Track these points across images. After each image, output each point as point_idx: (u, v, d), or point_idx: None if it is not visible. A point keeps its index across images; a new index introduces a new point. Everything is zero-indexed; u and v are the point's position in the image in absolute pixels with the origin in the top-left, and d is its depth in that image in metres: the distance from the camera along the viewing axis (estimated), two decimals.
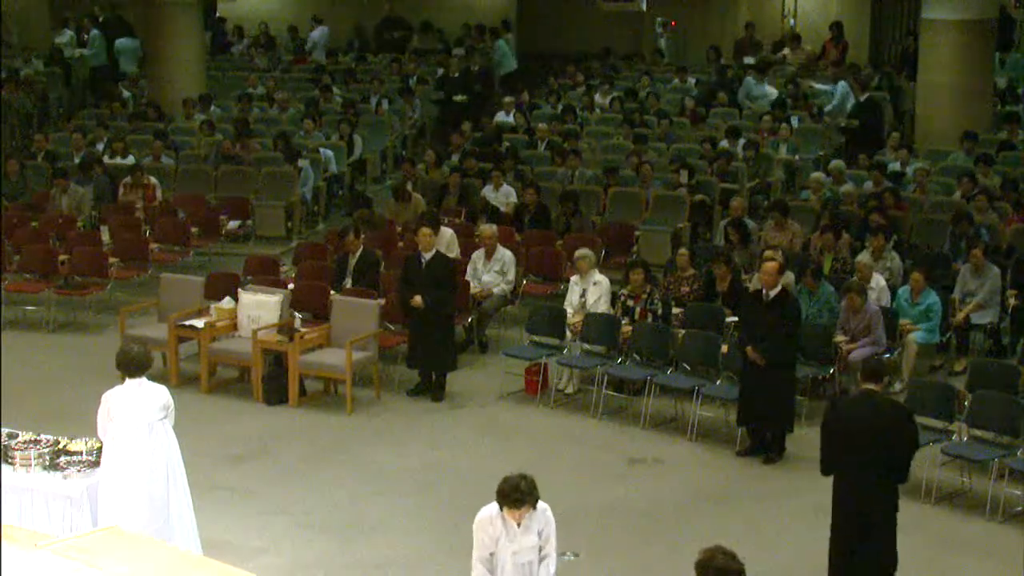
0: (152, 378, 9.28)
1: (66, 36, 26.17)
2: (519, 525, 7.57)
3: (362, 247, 14.15)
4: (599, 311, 13.25)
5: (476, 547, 7.66)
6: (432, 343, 13.03)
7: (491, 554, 7.62)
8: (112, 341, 13.48)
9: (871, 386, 9.08)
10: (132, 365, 9.13)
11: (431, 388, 13.16)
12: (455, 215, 16.73)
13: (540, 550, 7.69)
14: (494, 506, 7.60)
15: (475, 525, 7.67)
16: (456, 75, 22.86)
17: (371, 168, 20.79)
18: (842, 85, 20.96)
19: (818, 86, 21.82)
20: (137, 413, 9.01)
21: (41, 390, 12.98)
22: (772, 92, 21.74)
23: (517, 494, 7.44)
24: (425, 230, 13.19)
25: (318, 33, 26.79)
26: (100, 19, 26.49)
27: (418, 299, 12.88)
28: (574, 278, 13.73)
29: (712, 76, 23.09)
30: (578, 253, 13.66)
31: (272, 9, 29.43)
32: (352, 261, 14.09)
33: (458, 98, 22.50)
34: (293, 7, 29.32)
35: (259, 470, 11.46)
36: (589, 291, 13.44)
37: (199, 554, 9.03)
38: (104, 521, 8.74)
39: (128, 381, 9.13)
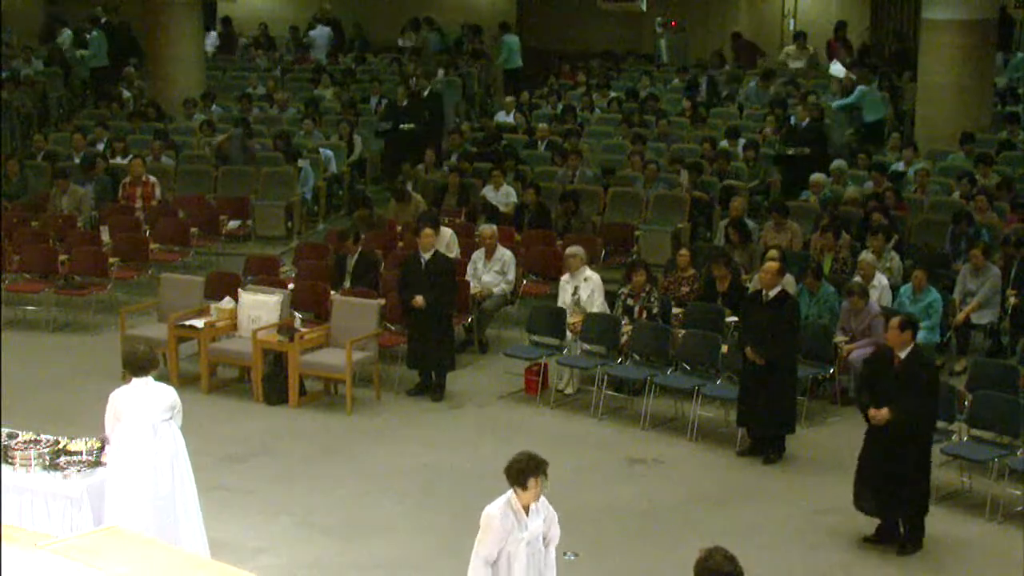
0: (152, 378, 9.27)
1: (66, 36, 26.15)
2: (527, 513, 7.54)
3: (360, 250, 14.15)
4: (595, 307, 13.25)
5: (486, 544, 7.48)
6: (432, 343, 13.03)
7: (498, 551, 7.55)
8: (112, 341, 13.50)
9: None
10: (138, 365, 9.15)
11: (431, 388, 13.16)
12: (455, 215, 16.73)
13: (543, 538, 7.70)
14: (500, 501, 7.56)
15: (485, 522, 7.50)
16: (404, 102, 20.81)
17: (371, 168, 20.77)
18: (860, 89, 20.63)
19: (835, 70, 21.60)
20: (143, 413, 9.02)
21: (41, 390, 12.97)
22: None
23: (535, 462, 7.52)
24: (426, 230, 13.19)
25: (317, 32, 26.74)
26: (102, 20, 26.46)
27: (418, 299, 12.88)
28: (564, 277, 13.70)
29: (712, 76, 23.05)
30: (568, 251, 13.64)
31: (272, 9, 29.42)
32: (350, 263, 14.10)
33: (406, 126, 20.40)
34: (293, 7, 29.30)
35: (259, 470, 11.46)
36: (581, 287, 13.42)
37: (207, 554, 9.03)
38: (110, 521, 8.74)
39: (134, 380, 9.15)
